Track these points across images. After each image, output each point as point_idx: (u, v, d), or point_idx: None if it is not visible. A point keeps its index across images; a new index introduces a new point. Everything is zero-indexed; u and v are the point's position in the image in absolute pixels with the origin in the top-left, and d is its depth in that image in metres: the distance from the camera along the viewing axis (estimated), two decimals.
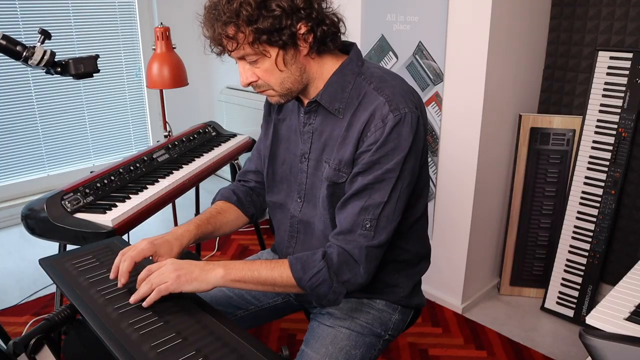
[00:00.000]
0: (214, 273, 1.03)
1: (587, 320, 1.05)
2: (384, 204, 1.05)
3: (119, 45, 3.58)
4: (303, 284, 1.05)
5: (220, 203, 1.33)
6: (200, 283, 1.02)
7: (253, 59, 1.04)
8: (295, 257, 1.07)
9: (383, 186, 1.04)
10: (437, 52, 2.13)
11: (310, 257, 1.06)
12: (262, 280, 1.06)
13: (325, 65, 1.11)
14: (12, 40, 1.52)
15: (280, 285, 1.07)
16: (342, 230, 1.07)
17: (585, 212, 2.18)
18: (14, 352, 0.95)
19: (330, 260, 1.05)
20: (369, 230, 1.05)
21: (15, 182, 3.35)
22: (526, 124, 2.28)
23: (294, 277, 1.05)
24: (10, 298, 2.47)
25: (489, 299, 2.47)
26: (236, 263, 1.07)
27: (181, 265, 1.03)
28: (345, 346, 1.16)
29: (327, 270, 1.04)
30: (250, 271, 1.05)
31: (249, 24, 0.98)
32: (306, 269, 1.05)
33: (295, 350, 1.21)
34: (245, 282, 1.06)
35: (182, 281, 1.00)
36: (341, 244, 1.06)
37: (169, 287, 0.99)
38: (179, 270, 1.01)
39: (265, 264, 1.07)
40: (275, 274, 1.06)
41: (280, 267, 1.06)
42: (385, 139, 1.02)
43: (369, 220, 1.05)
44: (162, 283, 0.99)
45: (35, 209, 1.56)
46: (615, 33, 2.13)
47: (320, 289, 1.05)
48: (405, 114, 1.03)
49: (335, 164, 1.10)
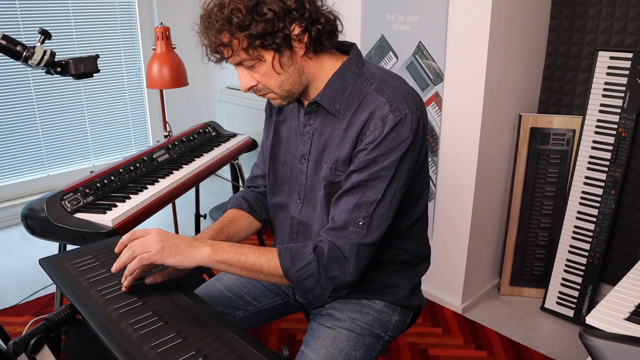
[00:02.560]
0: (200, 251, 1.01)
1: (587, 320, 1.05)
2: (378, 202, 1.04)
3: (119, 45, 3.58)
4: (290, 275, 1.03)
5: (232, 211, 1.33)
6: (184, 259, 1.00)
7: (250, 64, 1.04)
8: (285, 247, 1.06)
9: (377, 184, 1.04)
10: (437, 52, 2.13)
11: (301, 249, 1.05)
12: (249, 265, 1.04)
13: (324, 65, 1.11)
14: (12, 40, 1.52)
15: (267, 273, 1.05)
16: (335, 226, 1.06)
17: (585, 212, 2.18)
18: (14, 352, 0.95)
19: (321, 254, 1.04)
20: (361, 228, 1.04)
21: (15, 182, 3.35)
22: (526, 124, 2.28)
23: (281, 267, 1.03)
24: (10, 298, 2.47)
25: (489, 299, 2.47)
26: (224, 244, 1.04)
27: (167, 236, 1.00)
28: (345, 347, 1.16)
29: (317, 264, 1.03)
30: (237, 254, 1.03)
31: (241, 30, 0.98)
32: (295, 260, 1.03)
33: (295, 350, 1.21)
34: (230, 264, 1.03)
35: (166, 254, 0.98)
36: (332, 239, 1.05)
37: (152, 257, 0.97)
38: (164, 241, 0.99)
39: (254, 249, 1.05)
40: (262, 261, 1.04)
41: (269, 255, 1.04)
42: (383, 138, 1.02)
43: (361, 218, 1.04)
44: (145, 252, 0.97)
45: (35, 209, 1.56)
46: (615, 33, 2.13)
47: (306, 282, 1.04)
48: (406, 115, 1.03)
49: (332, 163, 1.10)
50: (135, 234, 1.02)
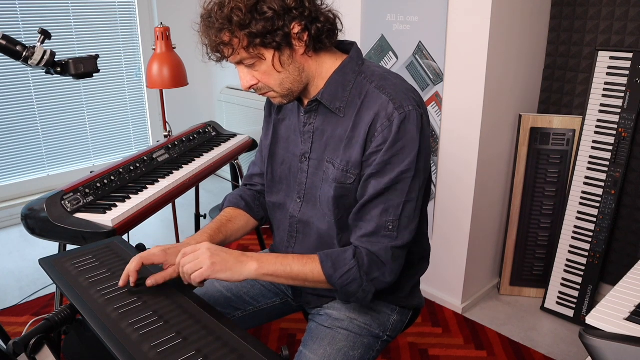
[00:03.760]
0: (248, 266, 1.05)
1: (587, 320, 1.05)
2: (404, 204, 1.07)
3: (119, 45, 3.58)
4: (333, 281, 1.07)
5: (229, 210, 1.33)
6: (234, 273, 1.04)
7: (250, 63, 1.04)
8: (325, 254, 1.08)
9: (400, 187, 1.06)
10: (437, 52, 2.13)
11: (341, 255, 1.08)
12: (294, 275, 1.08)
13: (324, 63, 1.11)
14: (12, 40, 1.52)
15: (312, 281, 1.09)
16: (366, 233, 1.08)
17: (585, 212, 2.18)
18: (14, 352, 0.95)
19: (361, 259, 1.07)
20: (392, 231, 1.07)
21: (15, 182, 3.35)
22: (526, 124, 2.28)
23: (324, 274, 1.07)
24: (10, 298, 2.47)
25: (489, 299, 2.47)
26: (269, 257, 1.08)
27: (217, 252, 1.04)
28: (343, 347, 1.16)
29: (358, 269, 1.06)
30: (282, 266, 1.07)
31: (241, 28, 0.98)
32: (337, 267, 1.06)
33: (295, 350, 1.21)
34: (277, 276, 1.07)
35: (216, 269, 1.02)
36: (367, 246, 1.08)
37: (203, 274, 1.01)
38: (214, 257, 1.03)
39: (298, 259, 1.09)
40: (307, 270, 1.08)
41: (312, 264, 1.08)
42: (394, 137, 1.03)
43: (391, 222, 1.07)
44: (197, 269, 1.01)
45: (35, 209, 1.56)
46: (615, 33, 2.13)
47: (350, 287, 1.07)
48: (410, 112, 1.03)
49: (343, 165, 1.10)
50: (186, 252, 1.05)
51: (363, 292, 1.08)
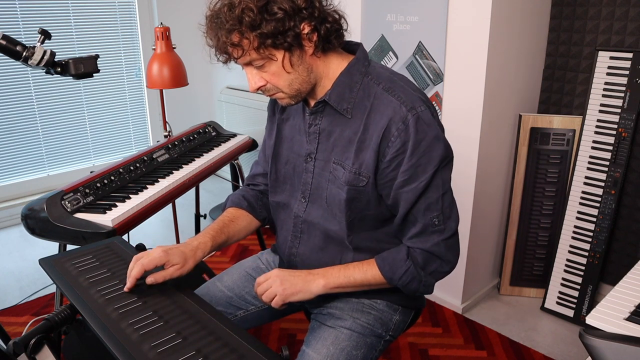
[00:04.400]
0: (316, 283, 1.13)
1: (587, 320, 1.05)
2: (442, 196, 1.10)
3: (119, 45, 3.58)
4: (394, 283, 1.13)
5: (232, 210, 1.33)
6: (304, 294, 1.12)
7: (260, 64, 1.04)
8: (381, 258, 1.14)
9: (435, 183, 1.09)
10: (437, 52, 2.13)
11: (396, 257, 1.12)
12: (358, 283, 1.15)
13: (332, 64, 1.11)
14: (12, 40, 1.52)
15: (374, 284, 1.16)
16: (415, 233, 1.12)
17: (585, 212, 2.18)
18: (14, 352, 0.95)
19: (415, 258, 1.12)
20: (439, 226, 1.11)
21: (15, 182, 3.35)
22: (526, 123, 2.28)
23: (384, 277, 1.13)
24: (10, 298, 2.47)
25: (489, 299, 2.47)
26: (333, 271, 1.15)
27: (286, 277, 1.12)
28: (346, 347, 1.16)
29: (414, 267, 1.11)
30: (346, 277, 1.14)
31: (252, 29, 0.98)
32: (394, 270, 1.12)
33: (295, 350, 1.21)
34: (343, 287, 1.15)
35: (287, 294, 1.11)
36: (419, 245, 1.12)
37: (277, 302, 1.11)
38: (284, 283, 1.11)
39: (358, 267, 1.15)
40: (368, 276, 1.14)
41: (372, 270, 1.14)
42: (415, 139, 1.04)
43: (436, 217, 1.11)
44: (272, 297, 1.11)
45: (35, 209, 1.56)
46: (615, 33, 2.13)
47: (411, 285, 1.13)
48: (422, 111, 1.05)
49: (355, 168, 1.10)
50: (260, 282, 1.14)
51: (425, 287, 1.14)
